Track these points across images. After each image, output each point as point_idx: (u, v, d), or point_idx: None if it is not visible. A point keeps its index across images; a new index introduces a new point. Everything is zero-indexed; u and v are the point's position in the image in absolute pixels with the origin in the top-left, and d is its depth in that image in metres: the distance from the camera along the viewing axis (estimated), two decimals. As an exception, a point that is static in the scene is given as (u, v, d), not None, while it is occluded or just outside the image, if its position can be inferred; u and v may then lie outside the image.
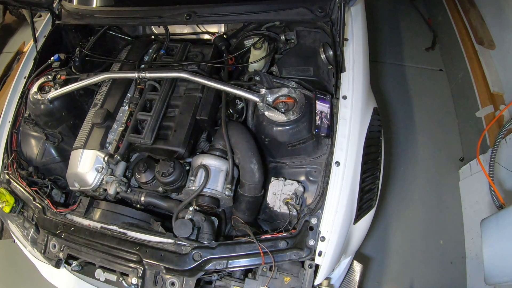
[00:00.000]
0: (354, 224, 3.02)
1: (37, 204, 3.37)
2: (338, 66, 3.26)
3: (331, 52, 3.35)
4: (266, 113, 3.11)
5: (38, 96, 3.68)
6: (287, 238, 2.80)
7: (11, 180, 3.55)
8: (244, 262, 2.79)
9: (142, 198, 3.28)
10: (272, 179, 3.21)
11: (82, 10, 3.92)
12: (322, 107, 2.91)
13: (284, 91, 3.19)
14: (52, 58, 3.98)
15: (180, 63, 3.67)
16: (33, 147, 3.87)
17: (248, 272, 2.89)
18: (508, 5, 5.26)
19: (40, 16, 6.42)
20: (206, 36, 4.35)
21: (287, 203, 3.04)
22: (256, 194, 3.13)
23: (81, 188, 3.33)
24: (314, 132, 2.93)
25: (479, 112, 5.24)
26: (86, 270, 3.16)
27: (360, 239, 3.27)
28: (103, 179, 3.28)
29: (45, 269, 3.47)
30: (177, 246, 2.89)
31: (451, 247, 5.06)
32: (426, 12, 7.78)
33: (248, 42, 3.87)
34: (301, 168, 3.33)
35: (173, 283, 2.86)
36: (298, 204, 3.07)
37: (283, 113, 3.06)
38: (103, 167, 3.26)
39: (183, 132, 3.28)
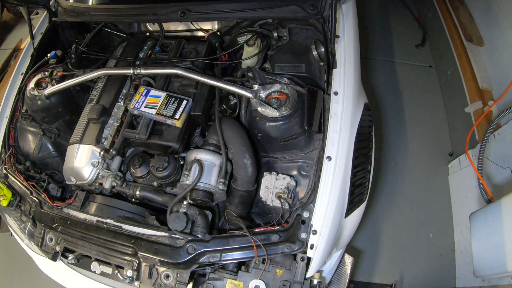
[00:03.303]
0: (345, 217, 3.05)
1: (34, 198, 3.38)
2: (330, 62, 3.29)
3: (322, 49, 3.36)
4: (259, 108, 3.13)
5: (35, 92, 3.70)
6: (280, 232, 2.82)
7: (8, 174, 3.56)
8: (237, 255, 2.82)
9: (137, 192, 3.30)
10: (265, 173, 3.24)
11: (78, 7, 3.92)
12: None
13: (277, 87, 3.21)
14: (48, 54, 3.99)
15: (174, 60, 3.69)
16: (30, 142, 3.88)
17: (241, 265, 2.91)
18: (496, 3, 5.31)
19: (37, 13, 6.40)
20: (200, 33, 4.33)
21: (279, 197, 3.07)
22: (249, 188, 3.15)
23: (77, 183, 3.36)
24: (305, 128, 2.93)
25: (468, 107, 5.29)
26: (82, 263, 3.19)
27: (351, 233, 3.31)
28: (99, 173, 3.32)
29: (42, 262, 3.49)
30: (171, 239, 2.92)
31: (441, 240, 5.11)
32: (416, 10, 7.81)
33: (241, 39, 3.87)
34: (293, 162, 3.35)
35: (167, 276, 2.89)
36: (291, 198, 3.10)
37: (275, 108, 3.08)
38: (98, 162, 3.29)
39: (178, 127, 3.31)
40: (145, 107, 3.28)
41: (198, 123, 3.54)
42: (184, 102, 3.29)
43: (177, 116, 3.22)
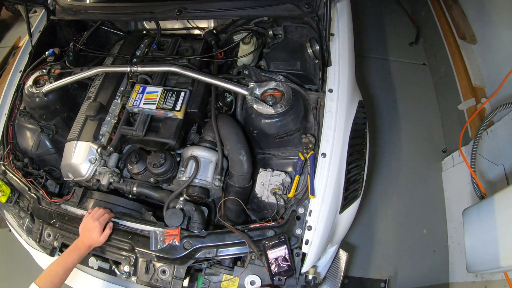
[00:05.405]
0: (340, 213, 3.08)
1: (32, 194, 3.42)
2: (324, 60, 3.30)
3: (317, 47, 3.39)
4: (255, 106, 3.17)
5: (33, 90, 3.72)
6: (275, 227, 2.85)
7: (7, 171, 3.59)
8: (233, 250, 2.85)
9: (134, 189, 3.33)
10: (260, 170, 3.27)
11: (76, 6, 3.92)
12: (275, 254, 2.78)
13: (272, 84, 3.25)
14: (46, 52, 4.01)
15: (171, 58, 3.72)
16: (29, 139, 3.91)
17: (237, 260, 2.94)
18: (489, 1, 5.34)
19: (35, 11, 6.38)
20: (196, 31, 4.37)
21: (274, 193, 3.10)
22: (244, 185, 3.19)
23: (75, 179, 3.39)
24: (273, 281, 2.79)
25: (461, 105, 5.32)
26: (79, 258, 3.22)
27: (345, 228, 3.33)
28: (96, 170, 3.34)
29: (40, 257, 3.50)
30: (168, 235, 2.95)
31: (434, 236, 5.14)
32: (409, 8, 7.81)
33: (237, 37, 3.89)
34: (289, 159, 3.39)
35: (164, 271, 2.93)
36: (286, 194, 3.12)
37: (271, 106, 3.12)
38: (96, 158, 3.32)
39: (174, 124, 3.34)
40: (144, 103, 3.31)
41: (194, 120, 3.57)
42: (182, 93, 3.32)
43: (177, 108, 3.25)
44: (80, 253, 2.84)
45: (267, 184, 3.17)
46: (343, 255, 3.75)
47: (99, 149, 3.34)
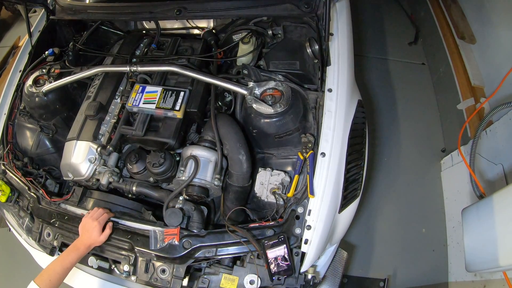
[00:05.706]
0: (339, 213, 3.08)
1: (32, 194, 3.42)
2: (324, 60, 3.32)
3: (316, 47, 3.40)
4: (254, 105, 3.17)
5: (33, 89, 3.72)
6: (274, 227, 2.86)
7: (7, 170, 3.59)
8: (232, 250, 2.86)
9: (134, 188, 3.32)
10: (260, 169, 3.26)
11: (76, 5, 3.92)
12: (274, 253, 2.77)
13: (271, 84, 3.25)
14: (46, 52, 4.01)
15: (170, 57, 3.72)
16: (28, 138, 3.91)
17: (236, 260, 2.95)
18: (488, 1, 5.34)
19: (35, 11, 6.38)
20: (196, 31, 4.38)
21: (274, 193, 3.10)
22: (244, 184, 3.19)
23: (75, 178, 3.38)
24: (272, 280, 2.79)
25: (460, 104, 5.32)
26: (79, 257, 3.22)
27: (345, 228, 3.34)
28: (95, 169, 3.34)
29: (40, 256, 3.50)
30: (167, 235, 2.96)
31: (433, 235, 5.14)
32: (409, 8, 7.84)
33: (236, 37, 3.89)
34: (288, 158, 3.39)
35: (163, 270, 2.93)
36: (285, 193, 3.12)
37: (270, 105, 3.12)
38: (95, 158, 3.32)
39: (173, 124, 3.34)
40: (143, 103, 3.31)
41: (193, 120, 3.57)
42: (182, 93, 3.33)
43: (177, 107, 3.26)
44: (79, 253, 2.83)
45: (267, 183, 3.17)
46: (342, 255, 3.76)
47: (98, 149, 3.34)
